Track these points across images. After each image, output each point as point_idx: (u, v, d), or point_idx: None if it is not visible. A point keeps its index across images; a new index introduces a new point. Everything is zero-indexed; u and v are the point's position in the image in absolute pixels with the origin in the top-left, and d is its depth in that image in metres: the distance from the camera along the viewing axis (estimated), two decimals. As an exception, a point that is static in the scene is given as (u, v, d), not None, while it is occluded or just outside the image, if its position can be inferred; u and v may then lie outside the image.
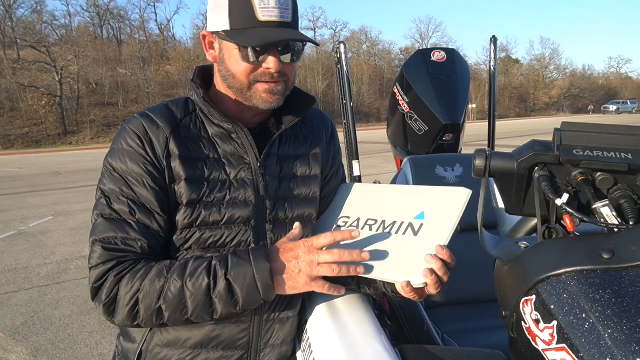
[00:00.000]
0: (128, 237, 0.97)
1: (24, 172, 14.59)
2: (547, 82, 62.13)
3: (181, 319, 0.95)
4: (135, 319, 0.95)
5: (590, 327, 0.62)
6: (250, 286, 0.92)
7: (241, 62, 0.99)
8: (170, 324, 0.97)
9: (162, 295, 0.92)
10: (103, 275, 0.94)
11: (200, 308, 0.93)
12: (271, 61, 0.97)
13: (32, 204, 8.82)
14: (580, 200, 0.80)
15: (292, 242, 0.98)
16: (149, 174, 0.99)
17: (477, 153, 0.86)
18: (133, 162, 0.99)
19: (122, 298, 0.93)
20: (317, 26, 56.40)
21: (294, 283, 0.94)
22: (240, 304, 0.93)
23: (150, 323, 0.95)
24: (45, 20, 38.12)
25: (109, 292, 0.94)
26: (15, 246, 5.89)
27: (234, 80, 1.02)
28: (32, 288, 4.38)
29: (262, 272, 0.92)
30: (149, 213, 0.99)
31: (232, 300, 0.93)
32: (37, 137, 28.88)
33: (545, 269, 0.71)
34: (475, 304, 1.83)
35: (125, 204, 0.98)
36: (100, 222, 0.98)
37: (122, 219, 0.98)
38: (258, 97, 1.02)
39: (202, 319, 0.96)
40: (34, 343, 3.30)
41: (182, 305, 0.93)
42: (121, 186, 0.99)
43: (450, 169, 2.20)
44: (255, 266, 0.92)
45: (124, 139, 1.01)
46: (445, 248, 0.94)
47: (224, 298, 0.92)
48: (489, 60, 2.73)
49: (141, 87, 34.97)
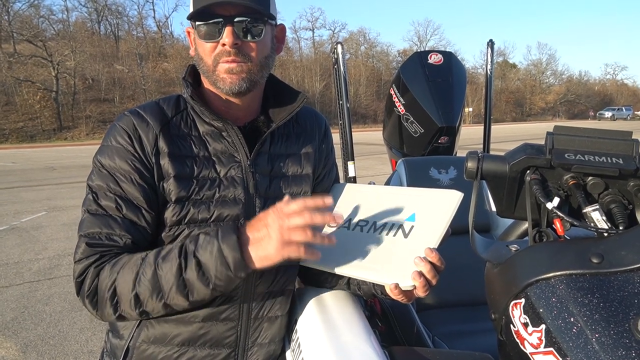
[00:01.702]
0: (112, 233, 0.96)
1: (17, 167, 14.51)
2: (544, 87, 62.41)
3: (159, 304, 0.93)
4: (116, 309, 0.94)
5: (578, 331, 0.62)
6: (219, 260, 0.88)
7: (202, 42, 1.01)
8: (150, 311, 0.94)
9: (137, 281, 0.91)
10: (85, 269, 0.95)
11: (175, 290, 0.91)
12: (225, 35, 0.98)
13: (25, 199, 8.77)
14: (571, 204, 0.80)
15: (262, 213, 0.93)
16: (136, 171, 0.99)
17: (469, 155, 0.86)
18: (121, 158, 0.99)
19: (102, 289, 0.93)
20: (315, 26, 56.44)
21: (265, 251, 0.88)
22: (212, 281, 0.90)
23: (132, 312, 0.94)
24: (43, 14, 37.93)
25: (90, 284, 0.94)
26: (7, 241, 5.85)
27: (202, 64, 1.03)
28: (23, 283, 4.35)
29: (229, 245, 0.88)
30: (136, 209, 0.98)
31: (204, 278, 0.90)
32: (31, 131, 28.71)
33: (534, 273, 0.71)
34: (466, 307, 1.84)
35: (112, 200, 0.98)
36: (86, 218, 0.99)
37: (107, 215, 0.97)
38: (220, 79, 1.02)
39: (179, 302, 0.93)
40: (23, 339, 3.28)
41: (157, 288, 0.91)
42: (108, 182, 0.99)
43: (444, 171, 2.20)
44: (222, 239, 0.89)
45: (113, 136, 1.01)
46: (434, 251, 0.93)
47: (195, 276, 0.90)
48: (486, 64, 2.74)
49: (138, 84, 34.84)
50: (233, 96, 1.06)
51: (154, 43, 43.52)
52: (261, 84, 1.11)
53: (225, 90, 1.03)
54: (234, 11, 0.98)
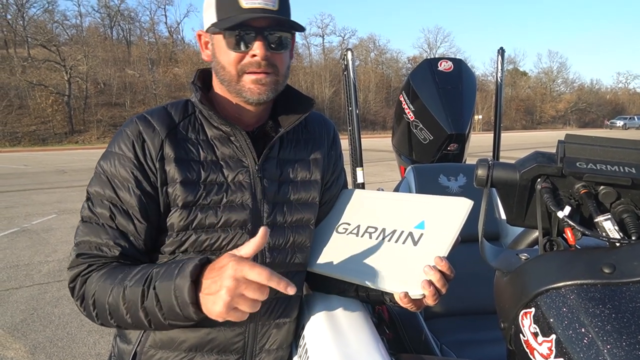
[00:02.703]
0: (101, 243, 0.98)
1: (30, 170, 14.67)
2: (555, 95, 61.99)
3: (127, 322, 0.93)
4: (97, 317, 0.97)
5: (589, 342, 0.61)
6: (170, 301, 0.87)
7: (229, 52, 1.00)
8: (123, 325, 0.96)
9: (110, 297, 0.93)
10: (75, 277, 0.98)
11: (138, 314, 0.91)
12: (257, 47, 0.98)
13: (36, 201, 8.86)
14: (583, 214, 0.79)
15: (228, 256, 0.83)
16: (134, 180, 0.99)
17: (479, 163, 0.86)
18: (121, 165, 1.00)
19: (86, 297, 0.96)
20: (325, 33, 56.72)
21: (212, 308, 0.83)
22: (165, 316, 0.89)
23: (109, 322, 0.96)
24: (57, 19, 38.45)
25: (78, 291, 0.98)
26: (18, 243, 5.91)
27: (224, 72, 1.03)
28: (32, 285, 4.39)
29: (181, 289, 0.85)
30: (129, 218, 0.99)
31: (161, 312, 0.89)
32: (44, 135, 29.02)
33: (545, 282, 0.71)
34: (475, 316, 1.82)
35: (107, 208, 0.99)
36: (79, 226, 1.02)
37: (99, 224, 1.00)
38: (246, 89, 1.02)
39: (142, 326, 0.93)
40: (32, 340, 3.30)
41: (125, 308, 0.92)
42: (105, 189, 1.00)
43: (453, 178, 2.19)
44: (176, 281, 0.86)
45: (117, 143, 1.02)
46: (444, 259, 0.93)
47: (153, 307, 0.89)
48: (496, 71, 2.73)
49: (149, 89, 35.14)
50: (255, 105, 1.06)
51: (165, 48, 43.92)
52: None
53: (251, 100, 1.03)
54: (265, 23, 0.98)
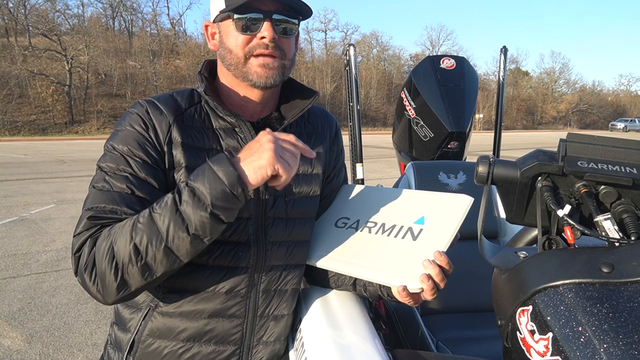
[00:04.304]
0: (117, 208, 0.94)
1: (29, 159, 14.65)
2: (556, 96, 61.92)
3: (160, 251, 0.87)
4: (117, 273, 0.88)
5: (585, 341, 0.61)
6: (211, 178, 0.86)
7: (237, 34, 1.01)
8: (153, 262, 0.88)
9: (134, 230, 0.88)
10: (84, 241, 0.92)
11: (173, 226, 0.86)
12: (265, 28, 0.99)
13: (35, 191, 8.85)
14: (582, 213, 0.79)
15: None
16: (149, 156, 0.99)
17: (480, 160, 0.86)
18: (135, 142, 0.99)
19: (100, 255, 0.89)
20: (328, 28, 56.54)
21: (259, 160, 0.86)
22: (209, 201, 0.85)
23: (133, 269, 0.88)
24: (58, 9, 38.30)
25: (87, 255, 0.90)
26: (16, 232, 5.91)
27: (230, 56, 1.04)
28: (30, 274, 4.39)
29: (219, 162, 0.87)
30: (147, 188, 0.97)
31: (200, 204, 0.86)
32: (44, 124, 28.97)
33: (543, 280, 0.71)
34: (472, 313, 1.82)
35: (124, 179, 0.96)
36: (91, 192, 0.97)
37: (115, 191, 0.95)
38: (253, 72, 1.03)
39: (180, 241, 0.87)
40: (29, 329, 3.30)
41: (155, 232, 0.87)
42: (119, 163, 0.98)
43: (453, 176, 2.19)
44: (211, 161, 0.88)
45: (127, 122, 1.02)
46: (443, 254, 0.93)
47: (190, 203, 0.86)
48: (498, 70, 2.73)
49: (149, 80, 35.06)
50: (260, 89, 1.07)
51: (166, 40, 43.78)
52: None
53: (257, 84, 1.04)
54: (273, 7, 1.00)
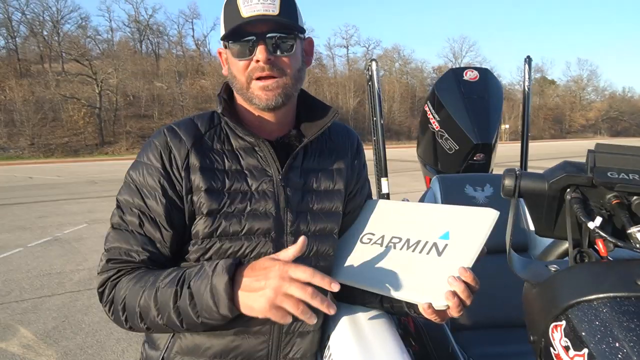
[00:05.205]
0: (130, 249, 1.01)
1: (62, 180, 15.11)
2: (584, 104, 60.58)
3: (159, 324, 0.95)
4: (127, 321, 0.99)
5: (623, 357, 0.60)
6: (205, 298, 0.90)
7: (236, 61, 1.04)
8: (153, 328, 0.98)
9: (141, 299, 0.95)
10: (104, 282, 1.01)
11: (169, 314, 0.93)
12: (259, 51, 1.01)
13: (68, 211, 9.11)
14: (615, 224, 0.77)
15: (271, 259, 0.90)
16: (161, 188, 1.03)
17: (506, 172, 0.85)
18: (149, 175, 1.04)
19: (116, 301, 0.98)
20: (350, 44, 56.91)
21: (253, 304, 0.88)
22: (199, 313, 0.92)
23: (138, 325, 0.98)
24: (89, 35, 39.80)
25: (107, 295, 1.00)
26: (51, 252, 6.08)
27: (236, 82, 1.07)
28: (64, 293, 4.50)
29: (219, 285, 0.89)
30: (156, 226, 1.02)
31: (194, 310, 0.92)
32: (76, 146, 29.92)
33: (576, 294, 0.69)
34: (503, 328, 1.78)
35: (136, 215, 1.03)
36: (110, 232, 1.05)
37: (129, 230, 1.02)
38: (255, 96, 1.05)
39: (174, 327, 0.96)
40: (63, 347, 3.38)
41: (157, 309, 0.94)
42: (134, 197, 1.04)
43: (480, 188, 2.16)
44: (213, 278, 0.90)
45: (146, 153, 1.06)
46: (468, 270, 0.91)
47: (187, 305, 0.92)
48: (523, 80, 2.69)
49: (176, 100, 35.92)
50: (268, 111, 1.09)
51: (192, 61, 44.85)
52: (294, 97, 1.14)
53: (261, 107, 1.06)
54: (265, 28, 1.01)
